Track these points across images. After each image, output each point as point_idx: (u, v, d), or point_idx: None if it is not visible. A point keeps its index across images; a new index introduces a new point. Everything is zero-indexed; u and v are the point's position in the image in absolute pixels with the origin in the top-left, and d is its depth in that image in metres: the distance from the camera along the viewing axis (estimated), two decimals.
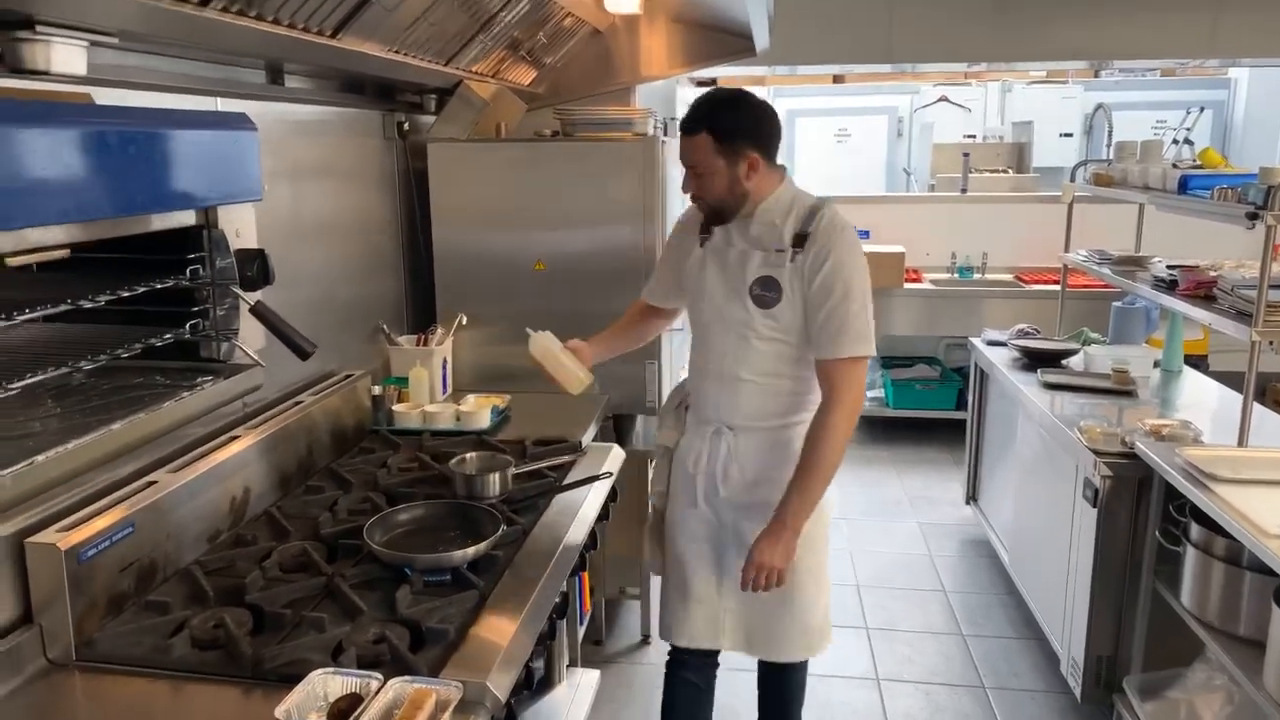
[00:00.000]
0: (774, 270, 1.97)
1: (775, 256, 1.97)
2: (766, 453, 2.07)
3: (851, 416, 1.95)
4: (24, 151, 1.04)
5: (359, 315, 2.74)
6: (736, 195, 1.96)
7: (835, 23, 4.44)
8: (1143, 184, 3.39)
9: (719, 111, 1.93)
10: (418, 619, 1.54)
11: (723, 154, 1.91)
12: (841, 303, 1.92)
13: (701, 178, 1.95)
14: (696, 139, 1.92)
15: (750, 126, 1.94)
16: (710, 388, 2.11)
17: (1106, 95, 6.78)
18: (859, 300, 1.94)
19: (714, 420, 2.11)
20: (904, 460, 5.03)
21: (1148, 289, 3.23)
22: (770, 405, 2.06)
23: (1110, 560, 2.58)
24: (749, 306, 1.99)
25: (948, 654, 3.12)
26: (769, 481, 2.05)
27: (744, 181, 1.94)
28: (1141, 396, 3.20)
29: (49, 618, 1.45)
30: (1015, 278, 5.42)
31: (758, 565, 1.94)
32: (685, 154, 1.96)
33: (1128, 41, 4.54)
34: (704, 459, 2.11)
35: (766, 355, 2.02)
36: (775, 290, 1.97)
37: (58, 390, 1.32)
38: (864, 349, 1.94)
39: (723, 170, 1.93)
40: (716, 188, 1.95)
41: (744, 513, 2.09)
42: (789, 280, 1.96)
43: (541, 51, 3.21)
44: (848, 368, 1.94)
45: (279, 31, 1.74)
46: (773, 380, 2.04)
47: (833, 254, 1.92)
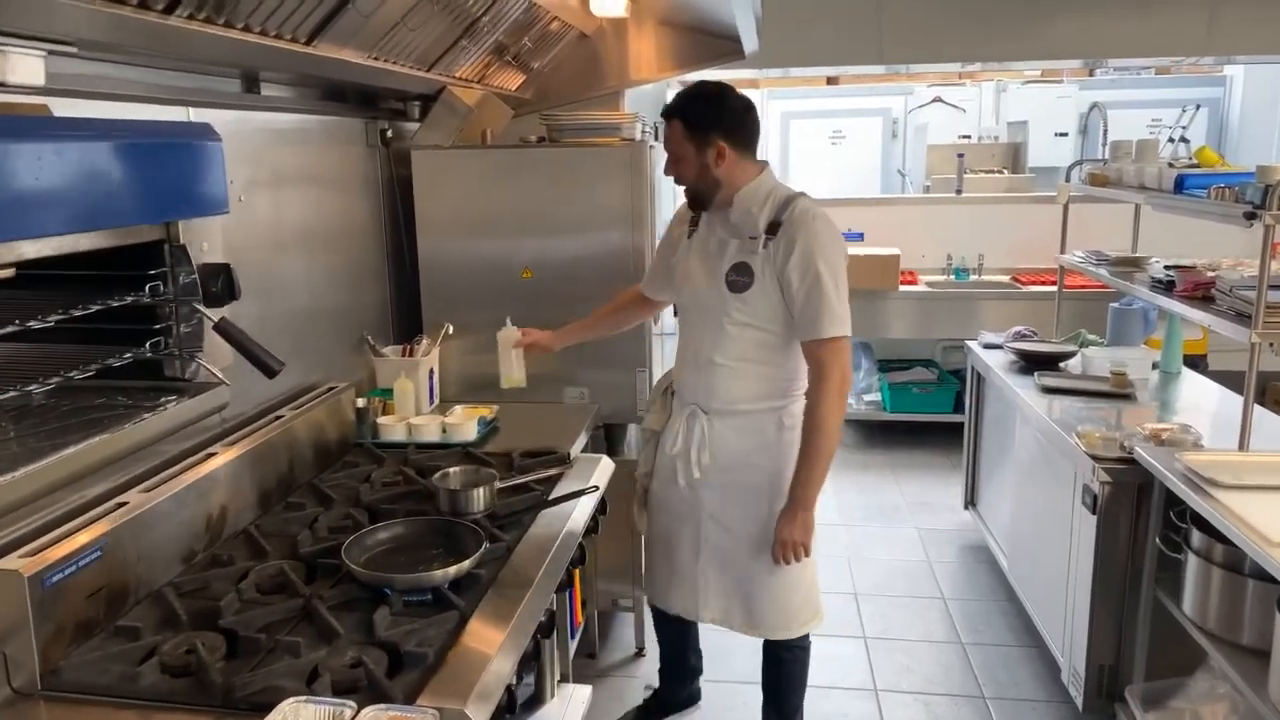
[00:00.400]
0: (748, 257, 2.10)
1: (749, 244, 2.10)
2: (741, 436, 2.20)
3: (841, 393, 2.09)
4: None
5: (343, 326, 2.69)
6: (707, 181, 2.10)
7: (825, 24, 4.40)
8: (1139, 183, 3.34)
9: (691, 102, 2.09)
10: (396, 641, 1.50)
11: (692, 141, 2.07)
12: (815, 286, 2.04)
13: (676, 162, 2.11)
14: (671, 125, 2.10)
15: (720, 118, 2.08)
16: (688, 372, 2.25)
17: (1101, 94, 6.73)
18: (830, 283, 2.04)
19: (691, 403, 2.24)
20: (901, 465, 4.98)
21: (1145, 290, 3.19)
22: (743, 390, 2.17)
23: (1110, 567, 2.53)
24: (723, 292, 2.12)
25: (947, 663, 3.07)
26: (743, 465, 2.20)
27: (713, 169, 2.08)
28: (1140, 399, 3.15)
29: (13, 645, 1.40)
30: (1012, 279, 5.38)
31: (781, 542, 2.12)
32: (665, 139, 2.14)
33: (1122, 39, 4.50)
34: (680, 441, 2.24)
35: (740, 340, 2.13)
36: (748, 276, 2.09)
37: (16, 412, 1.27)
38: (841, 329, 2.06)
39: (692, 156, 2.08)
40: (687, 172, 2.11)
41: (719, 493, 2.23)
42: (761, 267, 2.08)
43: (528, 56, 3.17)
44: (830, 348, 2.07)
45: (250, 39, 1.69)
46: (746, 365, 2.15)
47: (800, 239, 2.04)
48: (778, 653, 2.42)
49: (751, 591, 2.27)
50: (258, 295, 2.22)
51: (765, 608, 2.27)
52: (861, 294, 5.13)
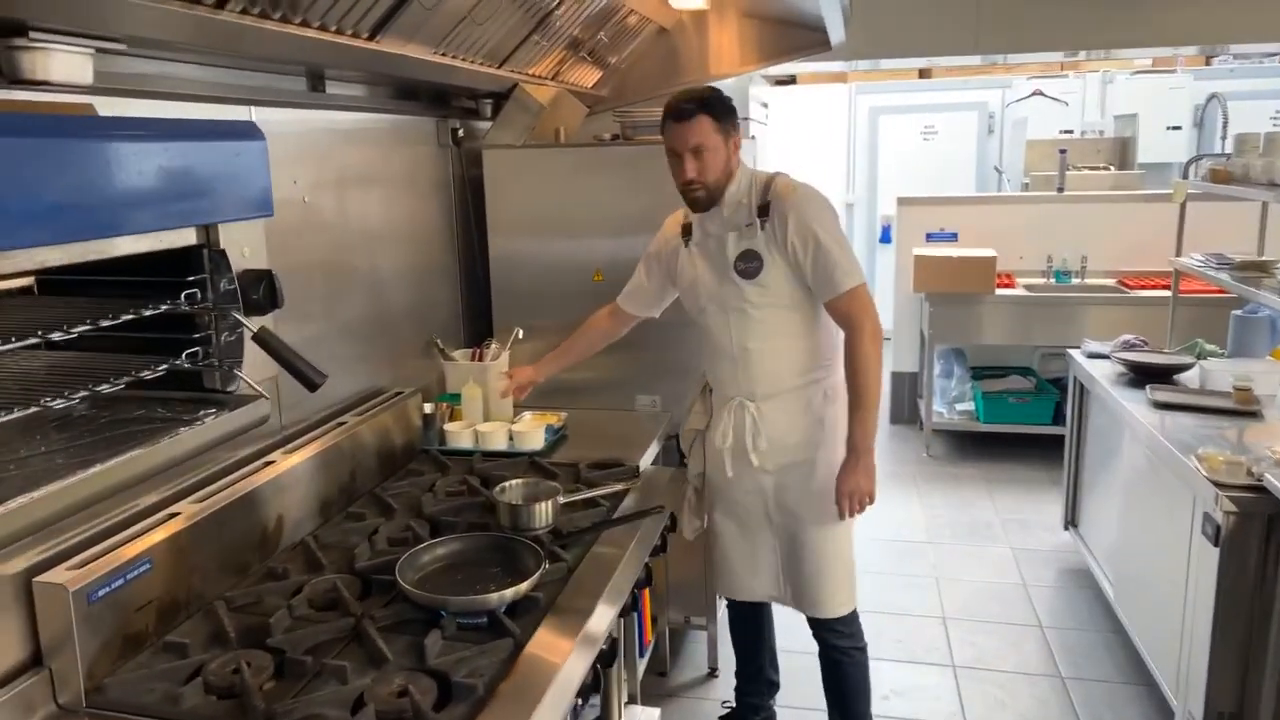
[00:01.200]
0: (751, 243, 2.15)
1: (747, 230, 2.16)
2: (790, 415, 2.24)
3: (875, 336, 2.13)
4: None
5: (411, 329, 2.64)
6: (727, 172, 2.15)
7: (917, 12, 4.17)
8: (1268, 180, 3.05)
9: (708, 97, 2.12)
10: (446, 670, 1.42)
11: (720, 132, 2.11)
12: (818, 248, 2.10)
13: (703, 159, 2.10)
14: (698, 121, 2.09)
15: (731, 108, 2.16)
16: (724, 366, 2.27)
17: (1219, 84, 6.28)
18: (830, 240, 2.11)
19: (734, 395, 2.27)
20: (996, 479, 4.71)
21: (1275, 297, 2.90)
22: (782, 368, 2.22)
23: (1234, 605, 2.28)
24: (737, 281, 2.17)
25: (1044, 698, 2.85)
26: (796, 444, 2.24)
27: (731, 159, 2.15)
28: (1268, 418, 2.86)
29: (58, 661, 1.37)
30: (1118, 283, 5.05)
31: (847, 493, 2.14)
32: (687, 137, 2.09)
33: (1244, 23, 4.13)
34: (730, 434, 2.27)
35: (766, 322, 2.19)
36: (756, 260, 2.15)
37: (57, 423, 1.23)
38: (856, 278, 2.12)
39: (721, 147, 2.11)
40: (717, 165, 2.12)
41: (778, 475, 2.26)
42: (766, 248, 2.14)
43: (604, 51, 3.08)
44: (852, 298, 2.12)
45: (308, 35, 1.64)
46: (779, 342, 2.21)
47: (793, 210, 2.11)
48: (834, 656, 2.39)
49: (809, 567, 2.30)
50: (324, 297, 2.19)
51: (825, 584, 2.30)
52: (955, 298, 4.92)
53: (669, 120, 2.12)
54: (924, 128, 7.31)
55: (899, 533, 4.05)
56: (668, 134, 2.13)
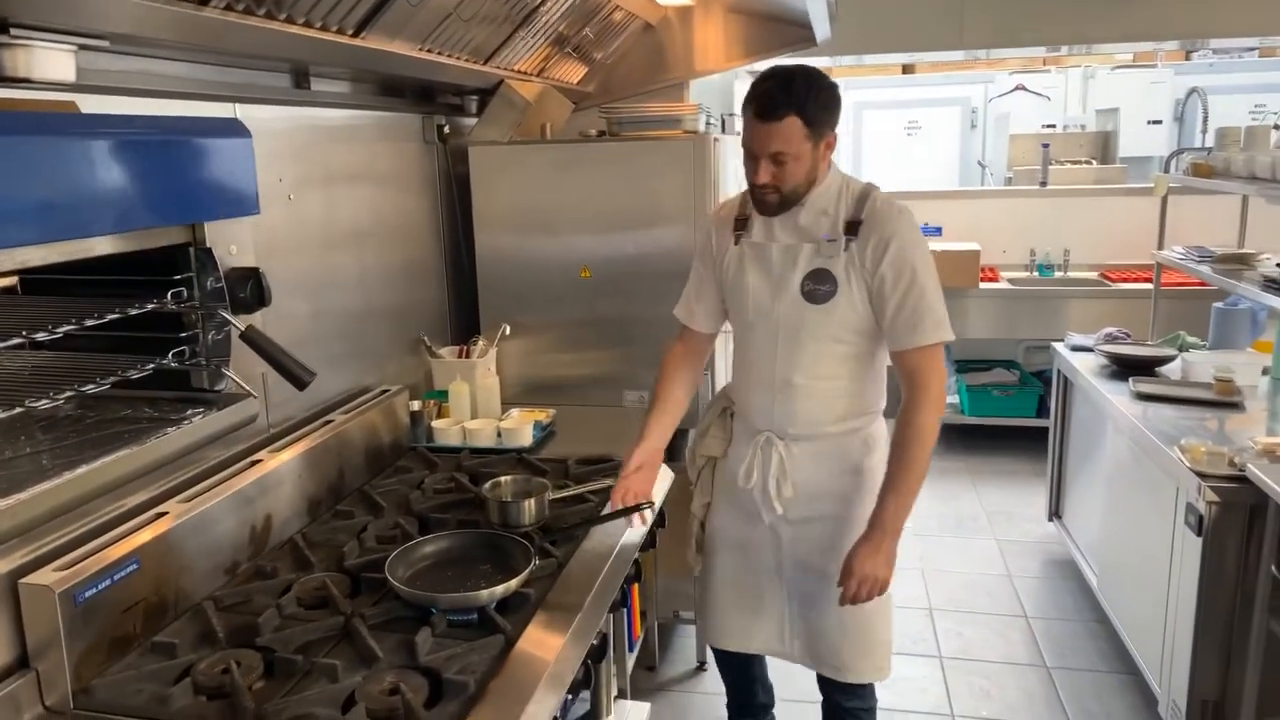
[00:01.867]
0: (827, 262, 1.86)
1: (827, 247, 1.86)
2: (823, 463, 1.97)
3: (940, 407, 1.86)
4: None
5: (398, 326, 2.63)
6: (811, 179, 1.86)
7: (902, 8, 4.18)
8: (1249, 174, 3.08)
9: (806, 91, 1.77)
10: (437, 668, 1.41)
11: (811, 137, 1.79)
12: (913, 287, 1.81)
13: (784, 165, 1.80)
14: (785, 124, 1.76)
15: (832, 105, 1.83)
16: (759, 395, 1.99)
17: (1199, 78, 6.34)
18: (931, 282, 1.83)
19: (764, 429, 1.99)
20: (981, 471, 4.75)
21: (1256, 289, 2.93)
22: (826, 411, 1.94)
23: (1217, 594, 2.31)
24: (800, 303, 1.88)
25: (1030, 689, 2.87)
26: (827, 494, 1.98)
27: (820, 164, 1.86)
28: (1248, 408, 2.90)
29: (45, 663, 1.36)
30: (1101, 276, 5.09)
31: (860, 577, 1.83)
32: (768, 141, 1.78)
33: (1223, 18, 4.17)
34: (755, 472, 2.00)
35: (821, 356, 1.91)
36: (830, 283, 1.86)
37: (43, 423, 1.22)
38: (945, 333, 1.84)
39: (809, 153, 1.81)
40: (799, 173, 1.82)
41: (800, 528, 2.01)
42: (844, 272, 1.85)
43: (590, 47, 3.07)
44: (930, 356, 1.85)
45: (292, 31, 1.63)
46: (828, 383, 1.92)
47: (895, 237, 1.82)
48: (838, 713, 2.16)
49: (836, 629, 2.02)
50: (310, 296, 2.17)
51: (852, 648, 2.03)
52: None
53: (750, 113, 1.80)
54: (908, 123, 7.33)
55: None
56: (746, 128, 1.82)
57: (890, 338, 1.87)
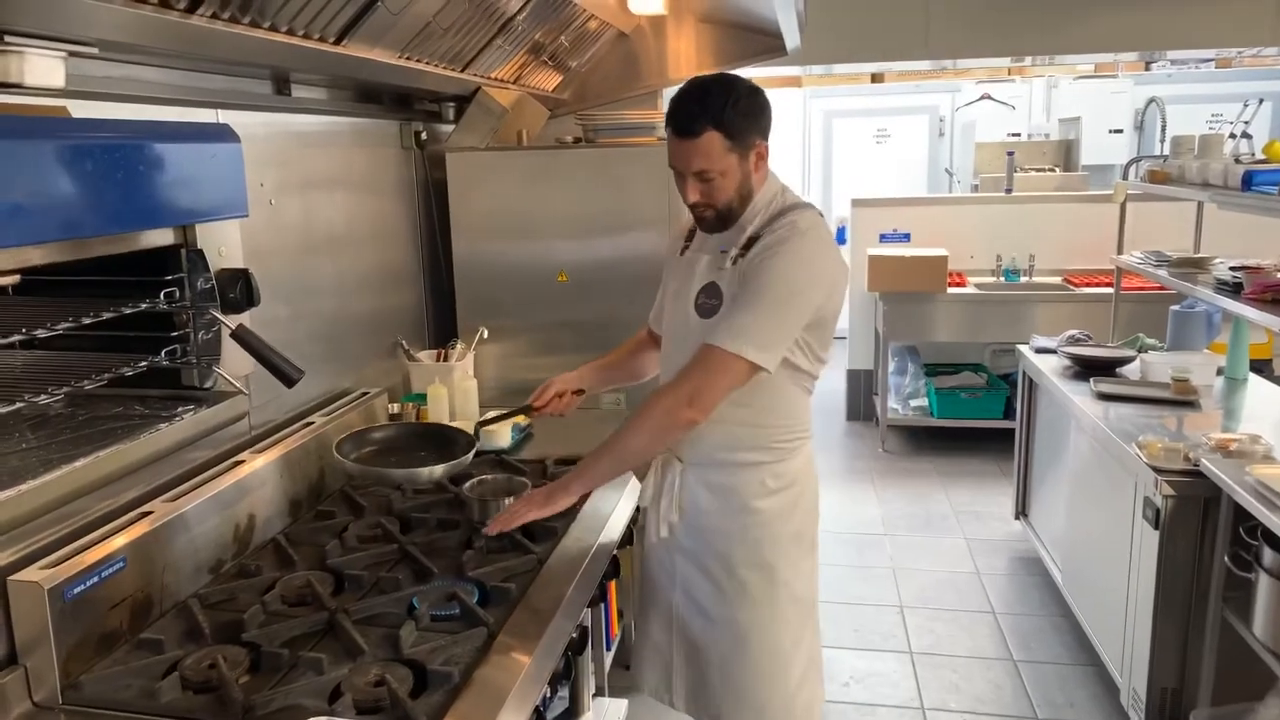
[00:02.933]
0: (717, 275, 1.76)
1: (720, 259, 1.76)
2: (714, 495, 1.83)
3: (675, 406, 1.67)
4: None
5: (377, 330, 2.66)
6: (744, 195, 1.73)
7: (869, 18, 4.28)
8: (1202, 180, 3.19)
9: (722, 103, 1.64)
10: (421, 660, 1.45)
11: (735, 150, 1.67)
12: (749, 296, 1.66)
13: (710, 183, 1.69)
14: (704, 140, 1.65)
15: (755, 113, 1.69)
16: None
17: (1158, 88, 6.52)
18: (769, 304, 1.65)
19: (666, 449, 1.87)
20: (949, 472, 4.84)
21: (1210, 292, 3.04)
22: (719, 437, 1.79)
23: (1174, 585, 2.40)
24: (693, 317, 1.78)
25: (998, 681, 2.95)
26: (715, 531, 1.83)
27: (753, 176, 1.73)
28: (1204, 407, 3.00)
29: (34, 659, 1.38)
30: (1064, 280, 5.22)
31: (513, 508, 1.78)
32: (687, 159, 1.68)
33: (1181, 30, 4.31)
34: (649, 490, 1.91)
35: None
36: (718, 298, 1.74)
37: (34, 421, 1.24)
38: (741, 345, 1.63)
39: (735, 168, 1.69)
40: (728, 190, 1.70)
41: (688, 558, 1.88)
42: (729, 286, 1.73)
43: (565, 56, 3.12)
44: (711, 356, 1.65)
45: (276, 39, 1.65)
46: (722, 409, 1.72)
47: (771, 250, 1.67)
48: None
49: (719, 679, 1.88)
50: (290, 299, 2.20)
51: (734, 702, 1.88)
52: (908, 296, 5.04)
53: (669, 130, 1.70)
54: (877, 131, 7.45)
55: (856, 526, 4.15)
56: (668, 145, 1.72)
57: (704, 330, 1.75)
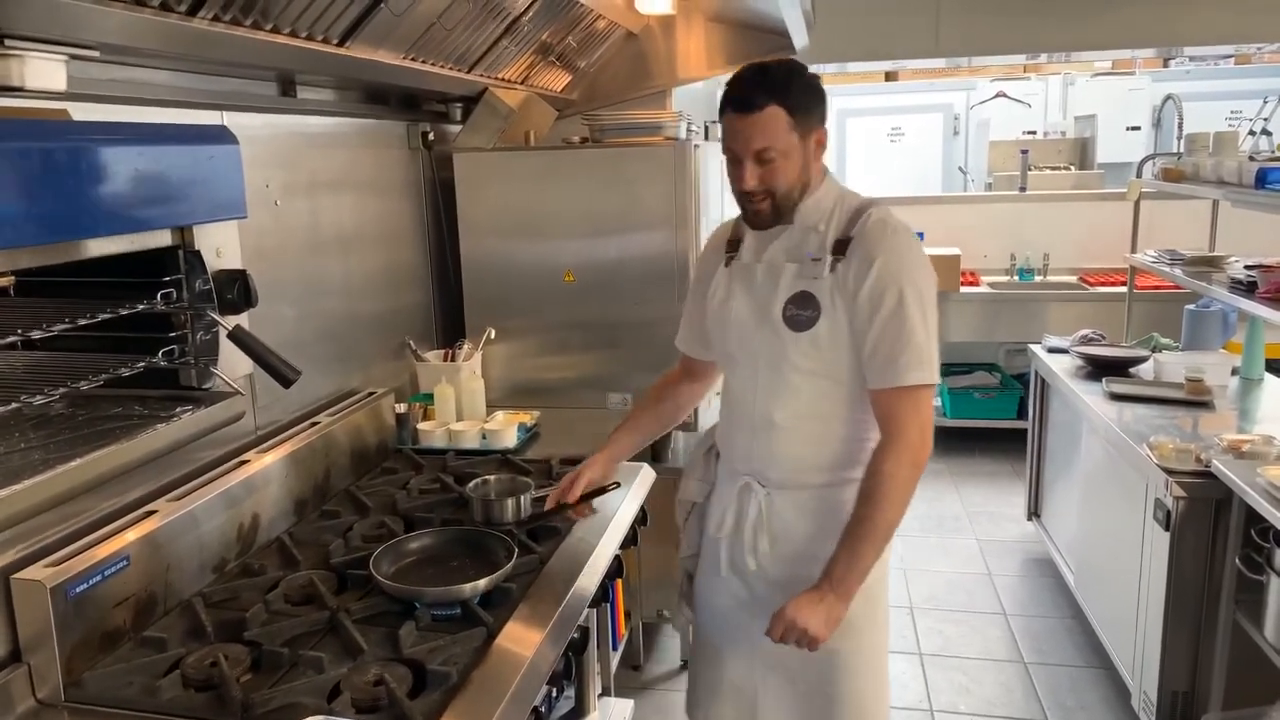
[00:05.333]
0: (811, 284, 1.63)
1: (811, 266, 1.64)
2: (807, 517, 1.71)
3: (917, 460, 1.60)
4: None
5: (384, 330, 2.67)
6: (804, 182, 1.64)
7: (878, 16, 4.25)
8: (1217, 178, 3.15)
9: (786, 79, 1.57)
10: (421, 659, 1.45)
11: (797, 129, 1.57)
12: (896, 315, 1.57)
13: (771, 163, 1.58)
14: (766, 115, 1.55)
15: (816, 96, 1.62)
16: (739, 435, 1.77)
17: (1176, 85, 6.44)
18: (917, 313, 1.58)
19: (744, 473, 1.75)
20: (962, 472, 4.81)
21: (1224, 291, 3.00)
22: (813, 456, 1.70)
23: (1185, 588, 2.37)
24: (781, 331, 1.65)
25: (1008, 684, 2.93)
26: (810, 557, 1.66)
27: (813, 165, 1.64)
28: (1218, 408, 2.97)
29: (37, 656, 1.40)
30: (1079, 280, 5.17)
31: (788, 623, 1.55)
32: (748, 137, 1.57)
33: (1200, 26, 4.24)
34: (729, 520, 1.77)
35: (806, 392, 1.67)
36: (812, 308, 1.63)
37: (35, 421, 1.25)
38: (926, 375, 1.58)
39: (797, 150, 1.59)
40: (790, 173, 1.60)
41: (777, 589, 1.71)
42: (829, 295, 1.62)
43: (573, 56, 3.12)
44: (908, 399, 1.59)
45: (279, 41, 1.67)
46: (816, 424, 1.68)
47: (880, 257, 1.59)
48: None
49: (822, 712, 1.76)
50: (297, 300, 2.21)
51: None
52: None
53: (727, 109, 1.60)
54: (890, 129, 7.41)
55: None
56: (725, 128, 1.61)
57: (866, 373, 1.63)
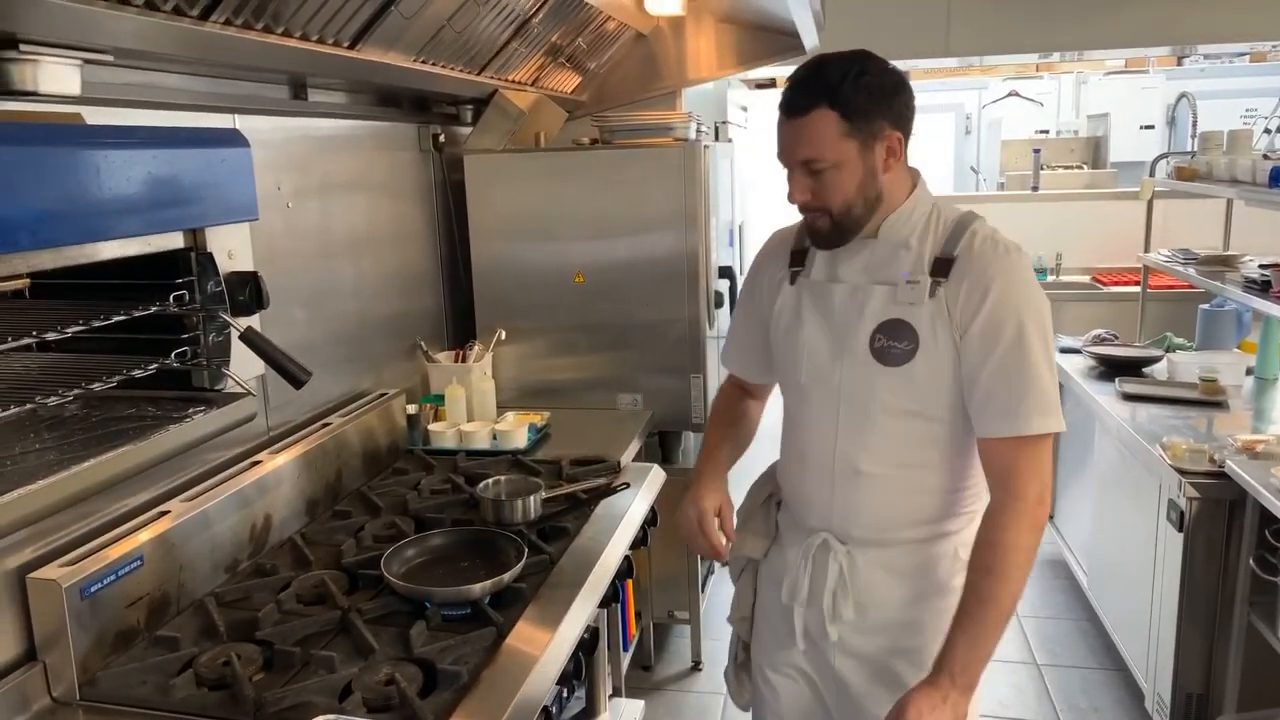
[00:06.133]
0: (905, 311, 1.40)
1: (907, 291, 1.40)
2: (901, 579, 1.48)
3: (1038, 524, 1.36)
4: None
5: (396, 331, 2.68)
6: (870, 198, 1.40)
7: (888, 16, 4.24)
8: (1230, 177, 3.13)
9: (841, 76, 1.34)
10: (431, 659, 1.46)
11: (854, 135, 1.35)
12: (1013, 354, 1.35)
13: (822, 174, 1.37)
14: (812, 119, 1.35)
15: (882, 94, 1.36)
16: (814, 484, 1.52)
17: (1190, 84, 6.41)
18: (1040, 350, 1.36)
19: (820, 529, 1.52)
20: None
21: (1238, 291, 2.98)
22: (906, 510, 1.47)
23: (1199, 589, 2.36)
24: (869, 364, 1.42)
25: (1021, 685, 2.91)
26: (901, 624, 1.48)
27: (880, 177, 1.40)
28: (1232, 408, 2.94)
29: (53, 655, 1.41)
30: (1092, 279, 5.14)
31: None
32: (793, 144, 1.38)
33: (1214, 23, 4.21)
34: (804, 585, 1.52)
35: (898, 436, 1.44)
36: (909, 339, 1.40)
37: (50, 422, 1.27)
38: (1053, 422, 1.36)
39: (854, 159, 1.37)
40: (846, 186, 1.38)
41: (861, 663, 1.51)
42: (930, 324, 1.39)
43: (583, 57, 3.13)
44: (1030, 450, 1.35)
45: (290, 44, 1.68)
46: (909, 472, 1.46)
47: (996, 283, 1.36)
48: None
49: None
50: (309, 301, 2.22)
51: None
52: None
53: (780, 110, 1.40)
54: None
55: None
56: (777, 130, 1.41)
57: (977, 419, 1.40)
